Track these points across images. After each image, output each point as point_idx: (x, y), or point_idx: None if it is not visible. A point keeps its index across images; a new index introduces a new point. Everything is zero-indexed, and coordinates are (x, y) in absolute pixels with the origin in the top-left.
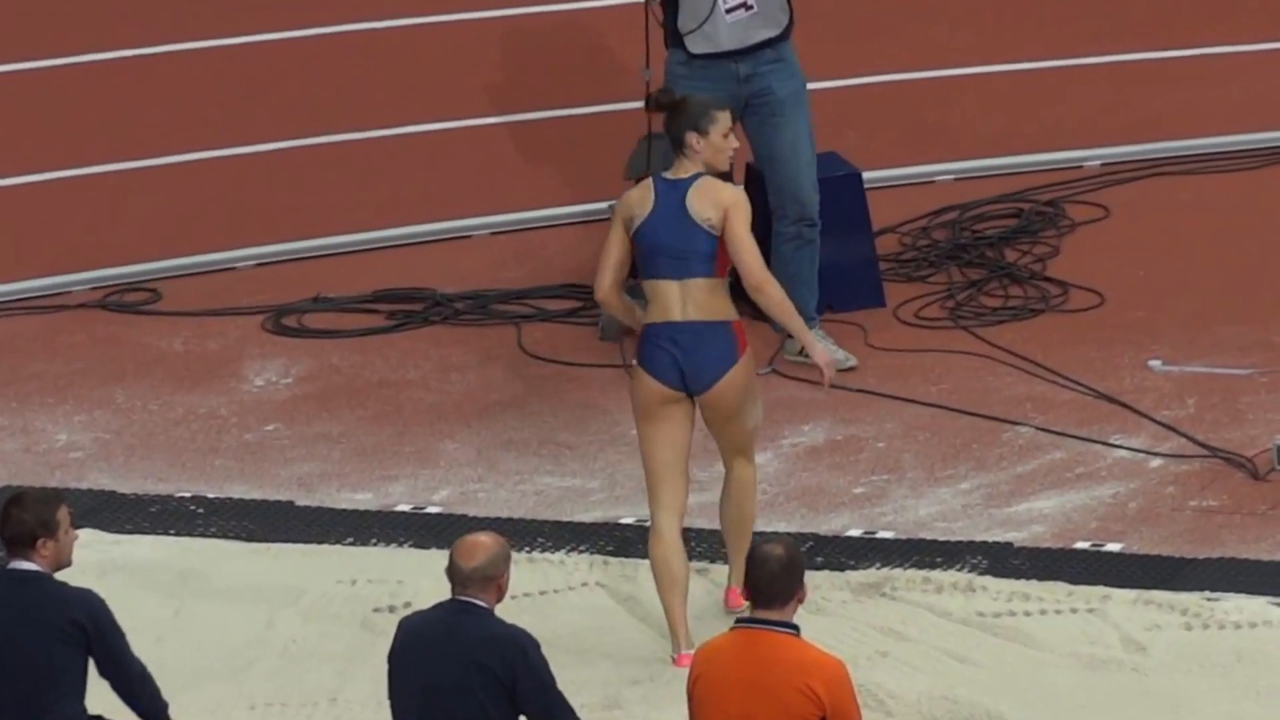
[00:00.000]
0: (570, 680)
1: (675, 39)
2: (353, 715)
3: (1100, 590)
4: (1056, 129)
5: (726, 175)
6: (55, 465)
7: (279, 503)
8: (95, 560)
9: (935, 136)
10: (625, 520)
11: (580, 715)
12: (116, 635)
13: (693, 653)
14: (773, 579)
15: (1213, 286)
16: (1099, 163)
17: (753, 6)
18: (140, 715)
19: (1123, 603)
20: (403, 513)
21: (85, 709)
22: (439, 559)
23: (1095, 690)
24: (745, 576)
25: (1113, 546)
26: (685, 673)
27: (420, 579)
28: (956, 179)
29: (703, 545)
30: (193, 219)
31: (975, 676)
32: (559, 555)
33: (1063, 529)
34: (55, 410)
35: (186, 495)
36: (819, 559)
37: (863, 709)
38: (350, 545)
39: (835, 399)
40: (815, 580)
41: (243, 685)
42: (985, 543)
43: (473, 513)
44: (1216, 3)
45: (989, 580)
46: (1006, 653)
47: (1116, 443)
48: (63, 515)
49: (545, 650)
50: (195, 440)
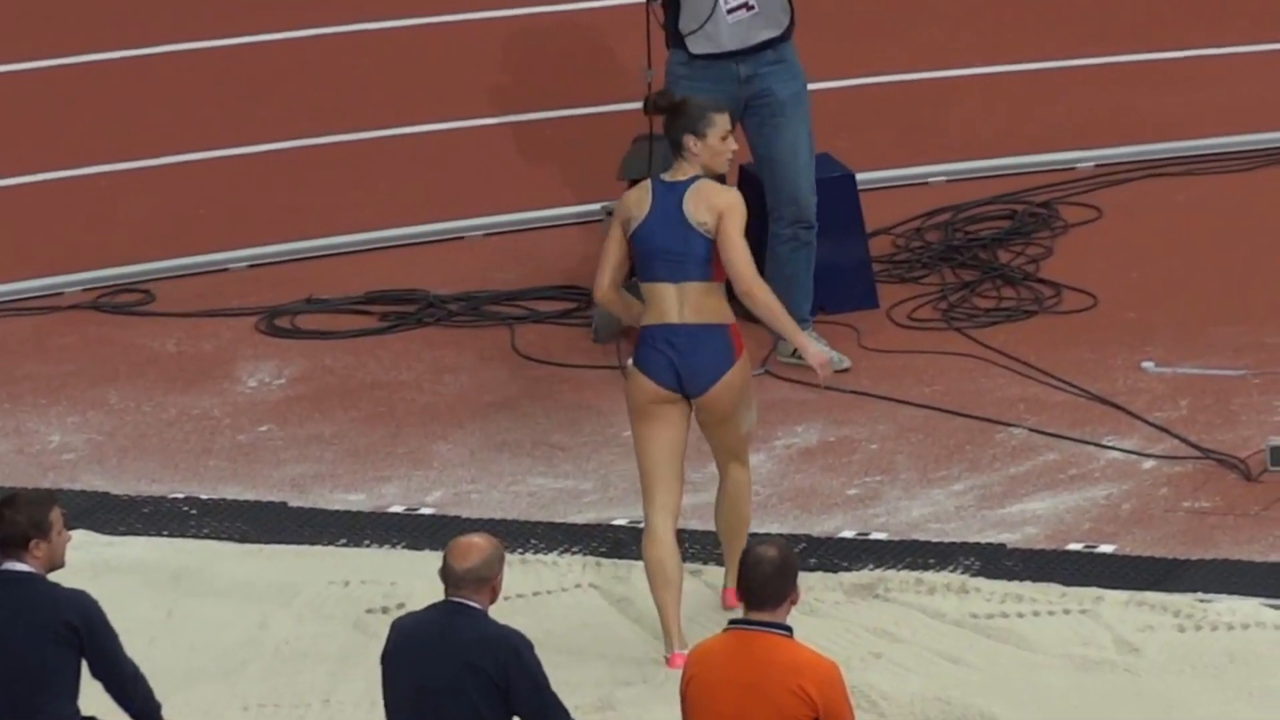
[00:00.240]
0: (563, 681)
1: (676, 40)
2: (345, 716)
3: (1093, 591)
4: (1050, 130)
5: (720, 177)
6: (48, 466)
7: (272, 504)
8: (88, 561)
9: (929, 138)
10: (618, 522)
11: (573, 716)
12: (109, 636)
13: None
14: (766, 581)
15: (1206, 288)
16: (1092, 164)
17: (754, 7)
18: (133, 716)
19: (1116, 604)
20: (396, 514)
21: (78, 710)
22: (432, 560)
23: (1088, 691)
24: (738, 578)
25: (1106, 548)
26: (678, 674)
27: (413, 580)
28: (950, 180)
29: (696, 546)
30: (186, 220)
31: (968, 678)
32: (552, 556)
33: (1056, 530)
34: (48, 411)
35: (179, 496)
36: (812, 560)
37: (855, 710)
38: (343, 546)
39: (828, 400)
40: (808, 581)
41: (235, 686)
42: (978, 544)
43: (466, 514)
44: (1209, 5)
45: (982, 581)
46: (999, 654)
47: (1109, 444)
48: (55, 516)
49: (538, 651)
50: (188, 441)
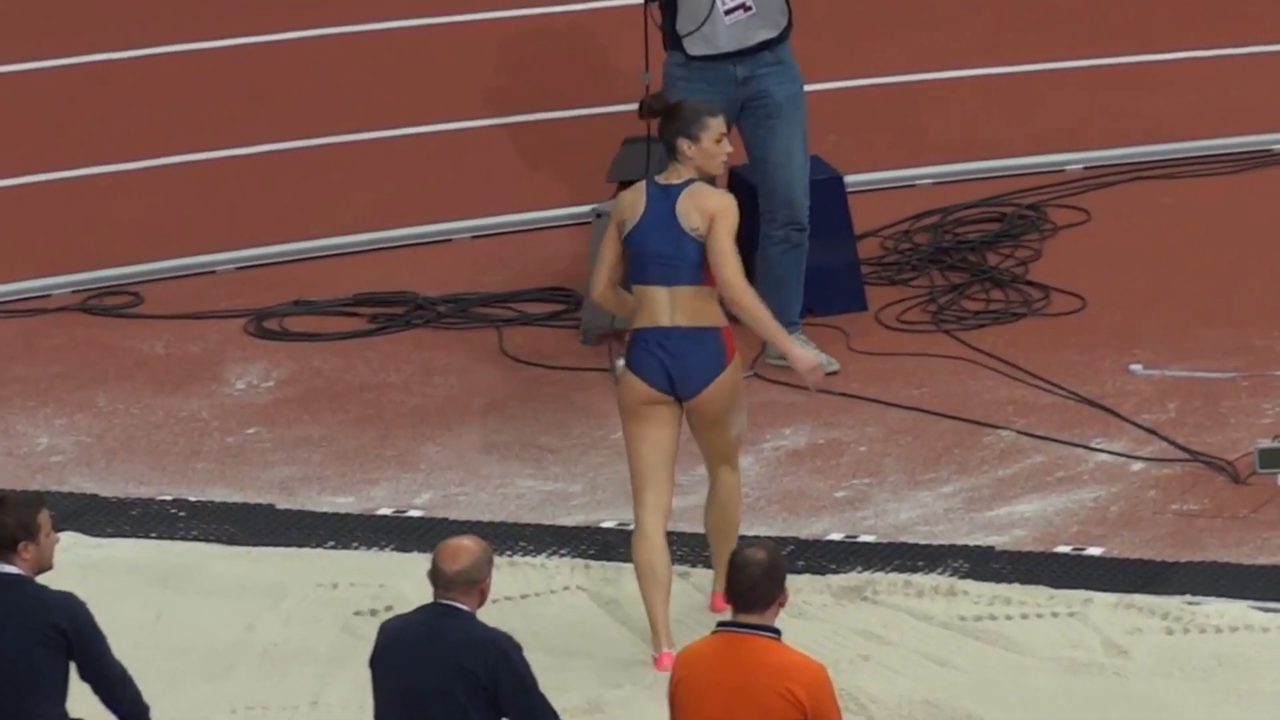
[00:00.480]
0: (551, 683)
1: (674, 41)
2: (334, 718)
3: (1081, 594)
4: (1038, 133)
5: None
6: (36, 469)
7: (260, 506)
8: (76, 563)
9: (917, 140)
10: (607, 524)
11: (562, 718)
12: (98, 638)
13: (674, 653)
14: (754, 583)
15: (1194, 290)
16: (1080, 166)
17: (751, 8)
18: (121, 718)
19: (1104, 606)
20: (384, 516)
21: (66, 712)
22: (420, 562)
23: (1076, 694)
24: (726, 580)
25: (1094, 550)
26: (666, 676)
27: (402, 582)
28: (938, 183)
29: (684, 548)
30: (174, 222)
31: (956, 680)
32: (540, 559)
33: (1044, 533)
34: (36, 414)
35: (168, 498)
36: (800, 563)
37: (844, 713)
38: (331, 548)
39: (817, 403)
40: (796, 584)
41: (224, 688)
42: (966, 546)
43: (454, 516)
44: (1197, 7)
45: (970, 584)
46: (987, 656)
47: (1098, 446)
48: (44, 518)
49: (526, 654)
50: (176, 443)
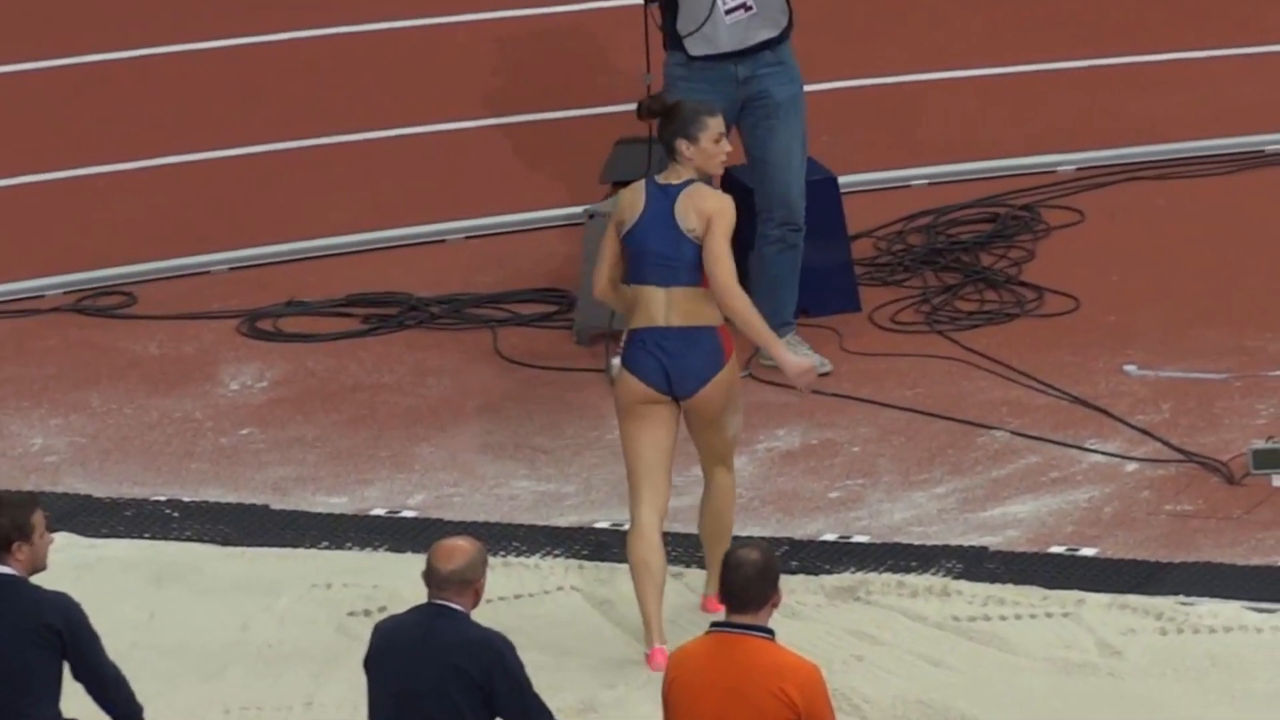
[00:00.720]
0: (545, 684)
1: (674, 41)
2: (328, 719)
3: (1075, 594)
4: (1032, 133)
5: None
6: (30, 469)
7: (254, 506)
8: (70, 564)
9: (910, 141)
10: (601, 524)
11: (556, 718)
12: (91, 639)
13: (666, 648)
14: (747, 583)
15: (1188, 291)
16: (1074, 167)
17: (752, 7)
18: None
19: (1098, 607)
20: (378, 516)
21: (60, 713)
22: (415, 563)
23: (1070, 694)
24: (720, 581)
25: (1088, 551)
26: (660, 676)
27: (396, 583)
28: (932, 183)
29: (678, 549)
30: (167, 223)
31: (950, 680)
32: (534, 559)
33: (1038, 533)
34: (30, 414)
35: (162, 499)
36: (794, 563)
37: (837, 713)
38: (325, 549)
39: (810, 403)
40: (790, 584)
41: (218, 689)
42: (960, 547)
43: (448, 517)
44: (1190, 8)
45: (964, 584)
46: (981, 657)
47: (1092, 447)
48: (38, 519)
49: (521, 654)
50: (170, 444)
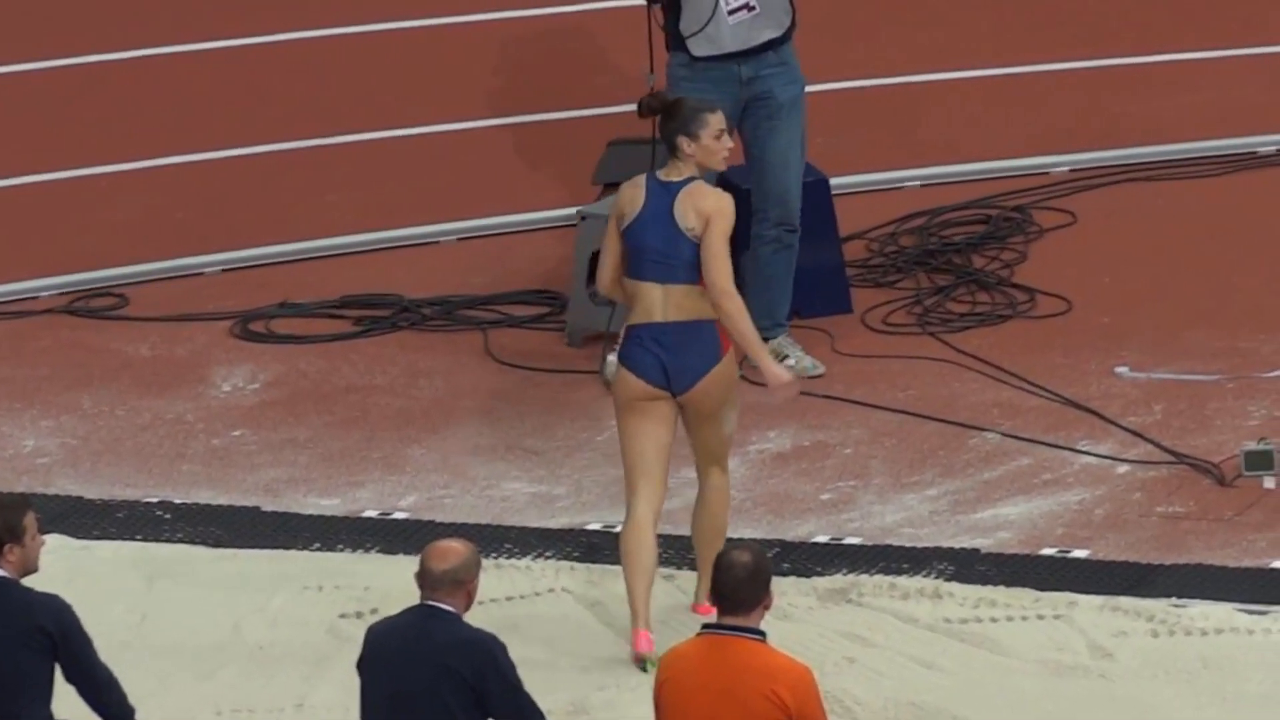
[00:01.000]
0: (537, 685)
1: (677, 42)
2: None
3: (1067, 596)
4: (1024, 135)
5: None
6: (22, 471)
7: (246, 508)
8: (62, 566)
9: (903, 142)
10: (592, 526)
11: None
12: (83, 641)
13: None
14: (739, 585)
15: (1180, 293)
16: (1066, 169)
17: (755, 7)
18: None
19: (1089, 609)
20: (370, 518)
21: (52, 714)
22: (406, 564)
23: (1061, 696)
24: (712, 582)
25: (1079, 553)
26: (651, 678)
27: (387, 584)
28: (924, 185)
29: (669, 551)
30: (159, 224)
31: (941, 683)
32: (526, 561)
33: (1029, 535)
34: (22, 415)
35: (153, 501)
36: (786, 565)
37: (829, 715)
38: (317, 551)
39: (802, 405)
40: (782, 586)
41: (210, 690)
42: (952, 549)
43: (440, 518)
44: (1184, 9)
45: (955, 586)
46: (973, 659)
47: (1083, 449)
48: (29, 521)
49: (512, 655)
50: (162, 446)
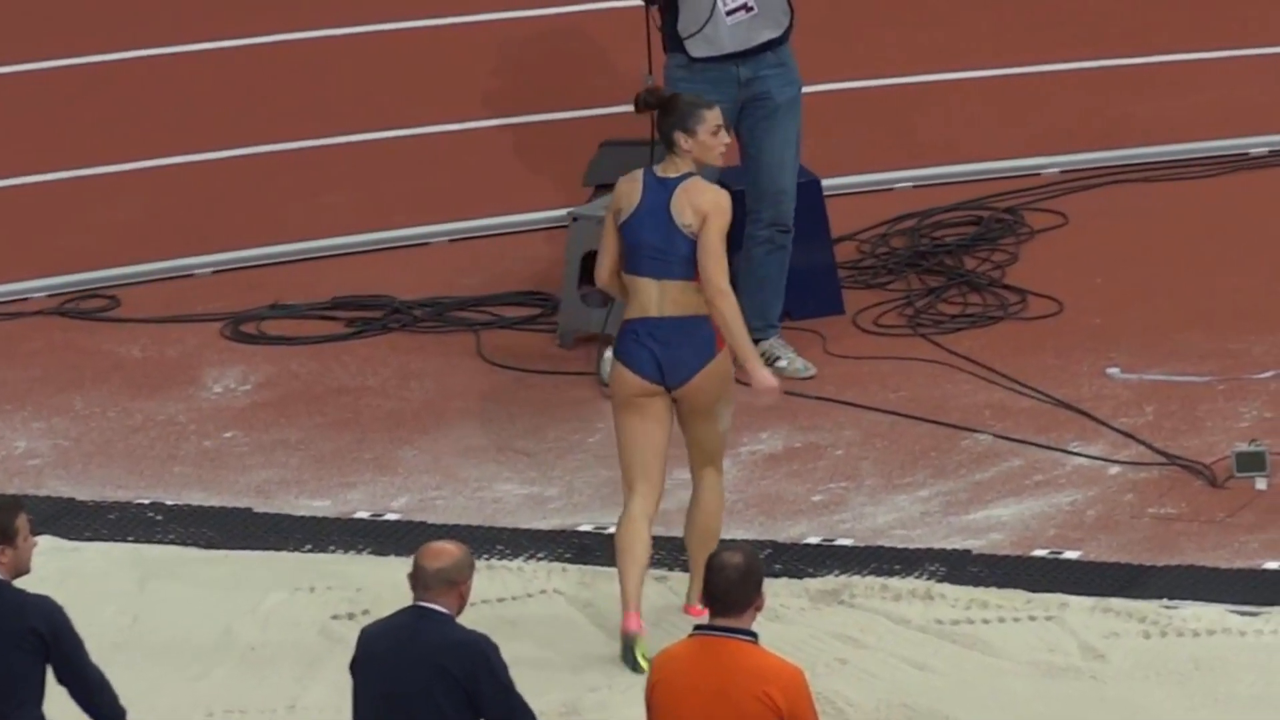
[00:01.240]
0: (529, 686)
1: (675, 43)
2: None
3: (1058, 598)
4: (1015, 136)
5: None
6: (13, 472)
7: (237, 510)
8: (54, 567)
9: (894, 143)
10: (584, 527)
11: None
12: (75, 642)
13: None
14: (731, 586)
15: (1172, 294)
16: (1058, 170)
17: (753, 8)
18: None
19: (1081, 610)
20: (361, 520)
21: (44, 716)
22: (398, 566)
23: (1053, 698)
24: (703, 583)
25: (1071, 554)
26: (643, 680)
27: (379, 586)
28: (916, 186)
29: (662, 552)
30: (151, 226)
31: (933, 684)
32: (517, 562)
33: (1021, 536)
34: (13, 417)
35: (145, 502)
36: (777, 566)
37: (821, 716)
38: (309, 552)
39: (794, 406)
40: (774, 588)
41: (202, 691)
42: (943, 550)
43: (431, 520)
44: (1183, 9)
45: (947, 588)
46: (965, 660)
47: (1075, 450)
48: (21, 522)
49: (504, 656)
50: (154, 447)
